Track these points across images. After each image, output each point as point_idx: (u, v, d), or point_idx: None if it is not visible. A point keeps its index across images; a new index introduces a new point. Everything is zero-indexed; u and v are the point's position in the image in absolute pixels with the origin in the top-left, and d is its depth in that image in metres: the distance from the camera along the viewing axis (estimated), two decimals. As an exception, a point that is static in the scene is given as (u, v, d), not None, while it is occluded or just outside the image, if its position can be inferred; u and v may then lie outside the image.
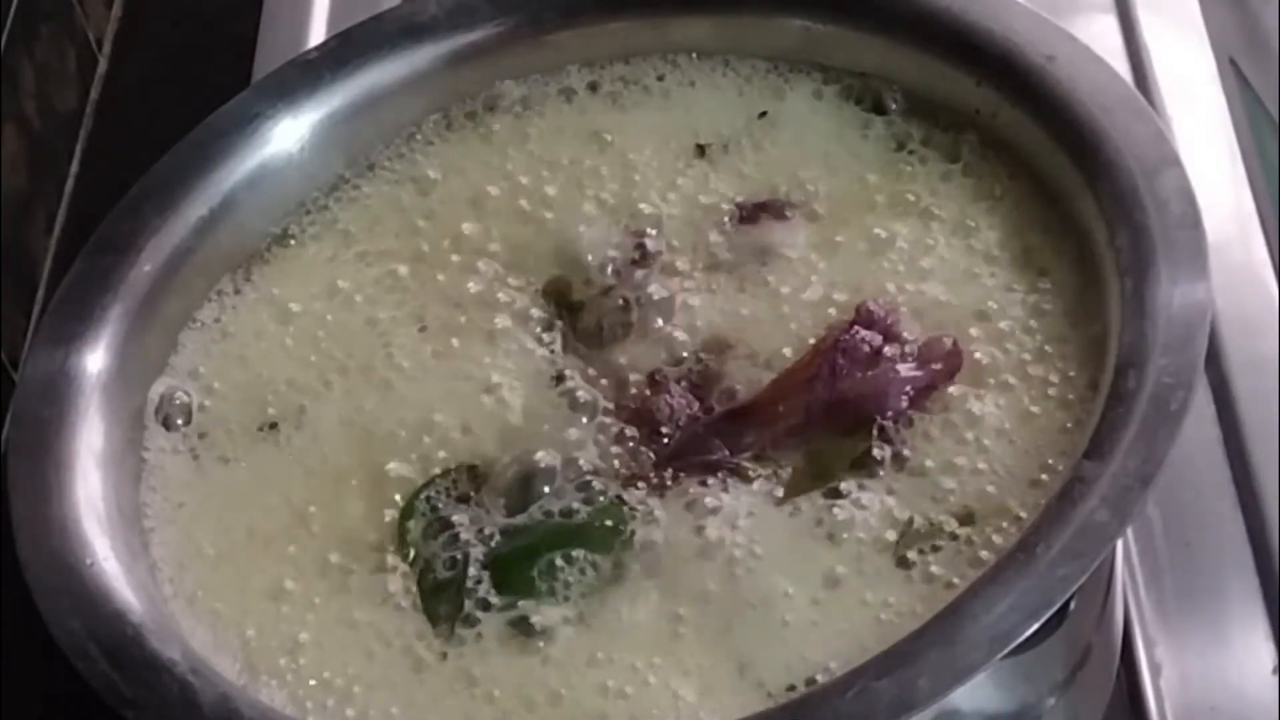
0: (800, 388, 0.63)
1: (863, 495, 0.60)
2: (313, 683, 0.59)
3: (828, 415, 0.62)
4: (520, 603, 0.60)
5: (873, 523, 0.59)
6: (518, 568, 0.61)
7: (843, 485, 0.60)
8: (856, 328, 0.63)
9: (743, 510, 0.61)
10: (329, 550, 0.63)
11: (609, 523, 0.61)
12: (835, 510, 0.60)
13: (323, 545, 0.63)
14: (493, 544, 0.61)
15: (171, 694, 0.56)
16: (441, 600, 0.61)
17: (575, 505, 0.62)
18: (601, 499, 0.62)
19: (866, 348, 0.62)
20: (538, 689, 0.58)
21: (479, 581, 0.61)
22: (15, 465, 0.62)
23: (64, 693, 0.58)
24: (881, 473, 0.61)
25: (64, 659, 0.57)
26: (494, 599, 0.60)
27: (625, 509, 0.61)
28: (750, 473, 0.62)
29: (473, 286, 0.69)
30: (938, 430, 0.61)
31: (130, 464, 0.65)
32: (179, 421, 0.67)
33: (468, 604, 0.60)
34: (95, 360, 0.65)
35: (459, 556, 0.61)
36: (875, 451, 0.61)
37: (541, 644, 0.59)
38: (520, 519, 0.62)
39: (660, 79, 0.74)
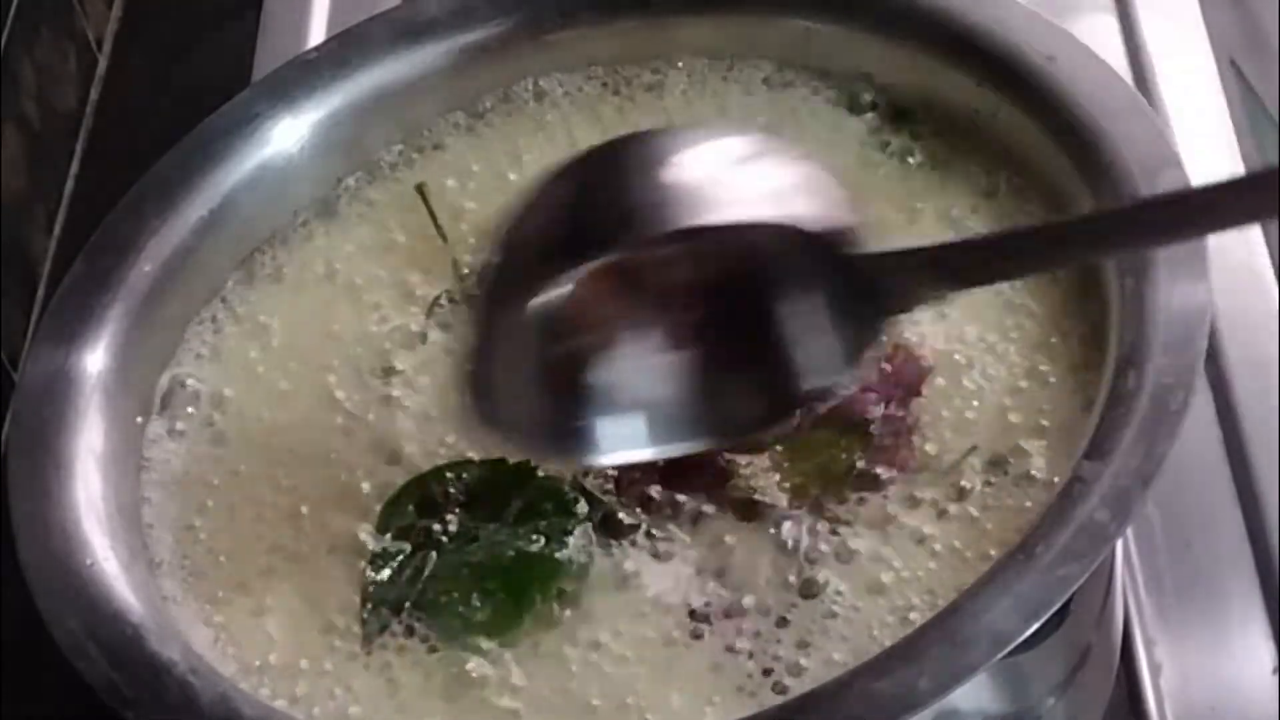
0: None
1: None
2: (304, 682, 0.60)
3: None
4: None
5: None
6: (451, 590, 0.61)
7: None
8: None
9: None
10: (330, 547, 0.63)
11: (557, 554, 0.60)
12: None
13: (324, 542, 0.63)
14: (445, 554, 0.61)
15: (171, 694, 0.56)
16: (382, 597, 0.61)
17: (543, 523, 0.61)
18: (569, 527, 0.61)
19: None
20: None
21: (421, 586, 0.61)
22: (15, 465, 0.62)
23: (63, 693, 0.58)
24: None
25: (64, 660, 0.57)
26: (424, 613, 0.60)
27: (586, 535, 0.61)
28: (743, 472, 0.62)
29: (472, 287, 0.69)
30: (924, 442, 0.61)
31: (130, 464, 0.65)
32: (179, 421, 0.67)
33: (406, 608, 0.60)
34: (95, 360, 0.65)
35: (416, 556, 0.61)
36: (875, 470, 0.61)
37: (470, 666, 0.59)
38: (491, 528, 0.62)
39: (661, 79, 0.74)
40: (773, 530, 0.60)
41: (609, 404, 0.56)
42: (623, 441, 0.57)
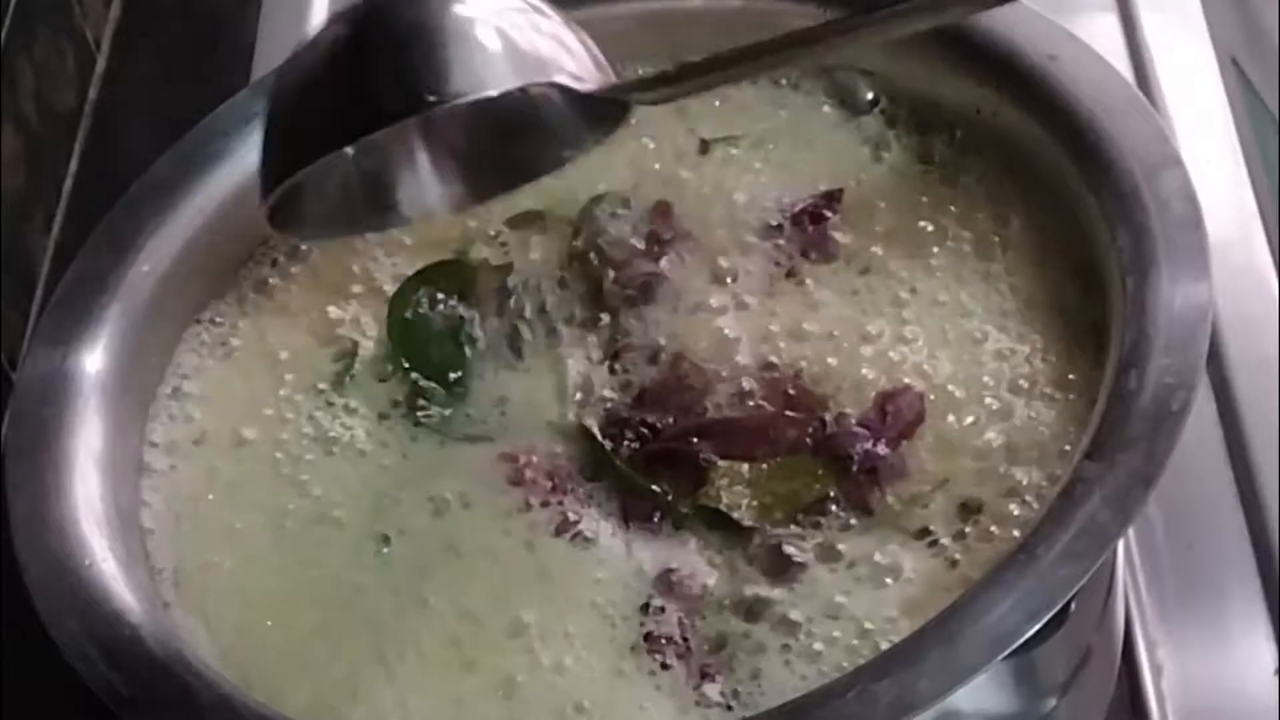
0: (791, 423, 0.62)
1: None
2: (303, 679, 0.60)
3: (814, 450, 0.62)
4: None
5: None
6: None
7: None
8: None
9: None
10: (329, 548, 0.63)
11: None
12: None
13: (324, 541, 0.63)
14: None
15: (170, 695, 0.56)
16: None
17: None
18: None
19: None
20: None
21: None
22: (14, 465, 0.62)
23: (63, 694, 0.58)
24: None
25: (63, 660, 0.57)
26: None
27: None
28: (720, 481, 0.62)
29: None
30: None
31: (129, 464, 0.65)
32: (178, 421, 0.67)
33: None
34: (94, 360, 0.65)
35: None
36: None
37: None
38: None
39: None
40: (735, 544, 0.60)
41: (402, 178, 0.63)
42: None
